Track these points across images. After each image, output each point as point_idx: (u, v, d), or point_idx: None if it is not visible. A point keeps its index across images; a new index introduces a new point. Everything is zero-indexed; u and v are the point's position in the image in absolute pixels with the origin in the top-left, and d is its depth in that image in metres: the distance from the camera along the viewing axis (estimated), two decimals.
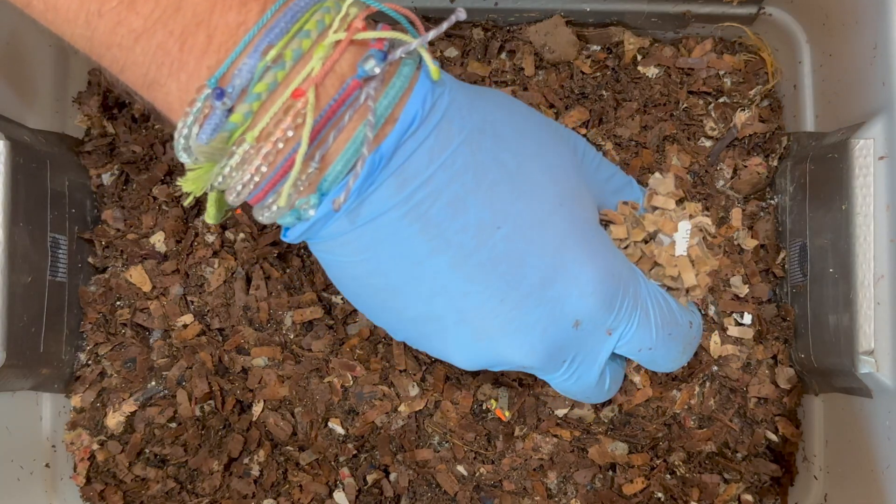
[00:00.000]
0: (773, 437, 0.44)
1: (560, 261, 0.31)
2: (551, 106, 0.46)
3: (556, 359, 0.32)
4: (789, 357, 0.45)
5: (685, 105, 0.46)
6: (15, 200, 0.40)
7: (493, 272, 0.30)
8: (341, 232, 0.29)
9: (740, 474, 0.44)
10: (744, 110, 0.46)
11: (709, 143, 0.46)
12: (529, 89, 0.46)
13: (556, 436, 0.44)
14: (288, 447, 0.44)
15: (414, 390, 0.44)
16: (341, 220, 0.28)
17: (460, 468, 0.44)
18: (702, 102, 0.47)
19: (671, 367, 0.37)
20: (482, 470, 0.44)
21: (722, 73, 0.47)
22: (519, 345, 0.31)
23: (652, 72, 0.47)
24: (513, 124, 0.31)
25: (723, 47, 0.47)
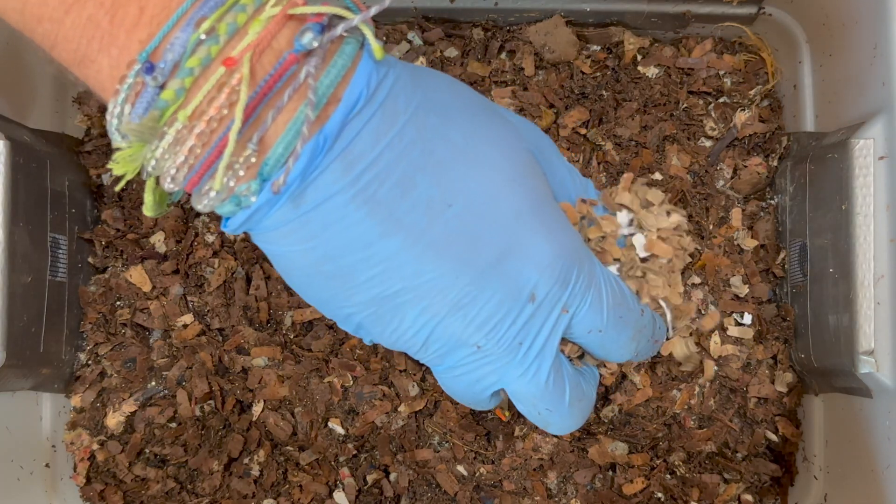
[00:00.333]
0: (773, 437, 0.44)
1: (515, 235, 0.30)
2: (551, 106, 0.46)
3: (510, 335, 0.31)
4: (789, 357, 0.45)
5: (685, 105, 0.46)
6: (15, 200, 0.40)
7: (446, 250, 0.29)
8: (286, 220, 0.27)
9: (740, 474, 0.44)
10: (744, 110, 0.46)
11: (709, 143, 0.46)
12: (529, 89, 0.46)
13: (556, 436, 0.44)
14: (288, 447, 0.44)
15: (414, 390, 0.44)
16: (285, 207, 0.27)
17: (460, 468, 0.44)
18: (702, 102, 0.47)
19: (621, 354, 0.35)
20: (482, 470, 0.44)
21: (722, 73, 0.47)
22: (474, 316, 0.30)
23: (652, 72, 0.47)
24: (459, 103, 0.31)
25: (723, 47, 0.47)
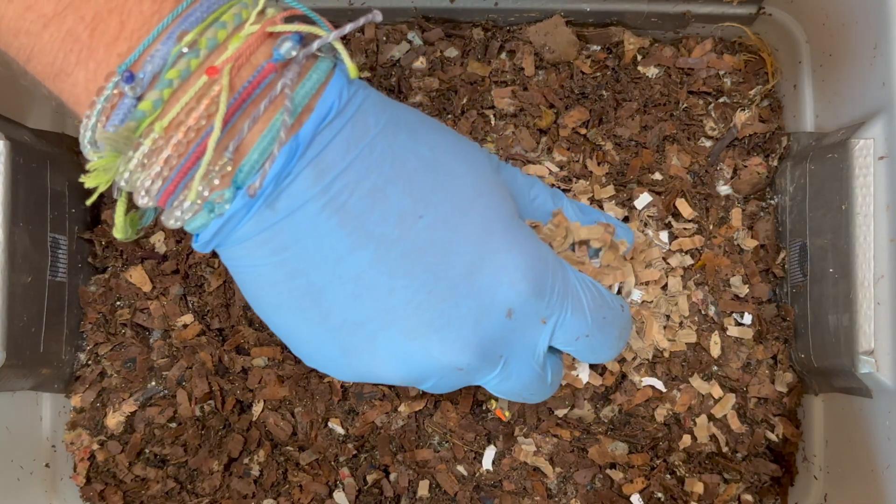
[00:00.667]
0: (773, 437, 0.44)
1: (486, 249, 0.30)
2: (551, 106, 0.46)
3: (490, 354, 0.31)
4: (789, 357, 0.45)
5: (685, 105, 0.46)
6: (15, 200, 0.40)
7: (418, 263, 0.29)
8: (258, 229, 0.27)
9: (740, 474, 0.44)
10: (744, 110, 0.46)
11: (709, 143, 0.46)
12: (529, 89, 0.46)
13: (556, 436, 0.44)
14: (288, 447, 0.44)
15: (414, 390, 0.44)
16: (258, 216, 0.27)
17: (460, 468, 0.44)
18: (702, 102, 0.47)
19: (609, 355, 0.35)
20: (482, 470, 0.44)
21: (722, 73, 0.47)
22: (452, 340, 0.29)
23: (652, 72, 0.47)
24: (425, 124, 0.31)
25: (723, 47, 0.47)
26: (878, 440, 0.37)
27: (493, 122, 0.46)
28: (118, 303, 0.46)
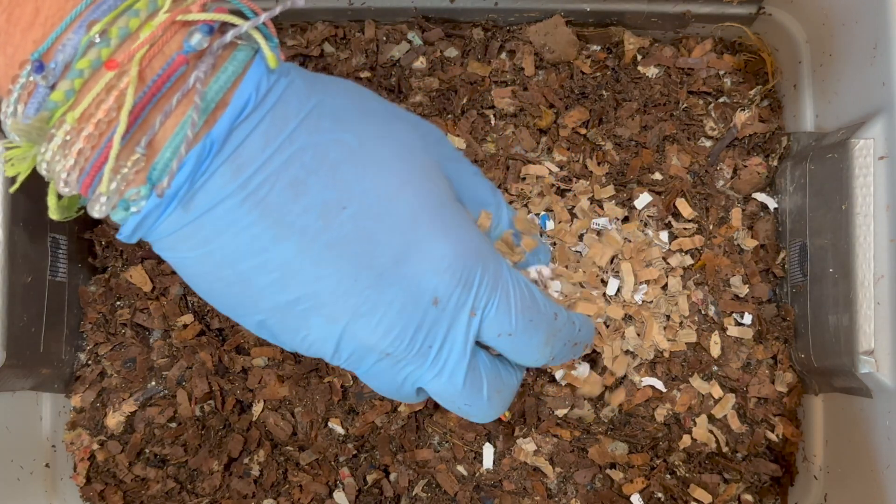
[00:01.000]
0: (773, 437, 0.44)
1: (413, 237, 0.30)
2: (551, 106, 0.46)
3: (417, 341, 0.30)
4: (789, 357, 0.45)
5: (685, 105, 0.46)
6: (15, 200, 0.40)
7: (343, 253, 0.29)
8: (178, 225, 0.27)
9: (740, 474, 0.44)
10: (744, 110, 0.46)
11: (709, 143, 0.46)
12: (529, 89, 0.46)
13: (556, 436, 0.44)
14: (288, 447, 0.44)
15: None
16: (176, 213, 0.27)
17: (460, 468, 0.44)
18: (702, 102, 0.47)
19: (535, 359, 0.34)
20: (482, 470, 0.44)
21: (722, 73, 0.47)
22: (376, 323, 0.29)
23: (652, 72, 0.47)
24: (355, 107, 0.31)
25: (723, 47, 0.47)
26: (878, 440, 0.37)
27: (493, 122, 0.46)
28: (118, 303, 0.46)
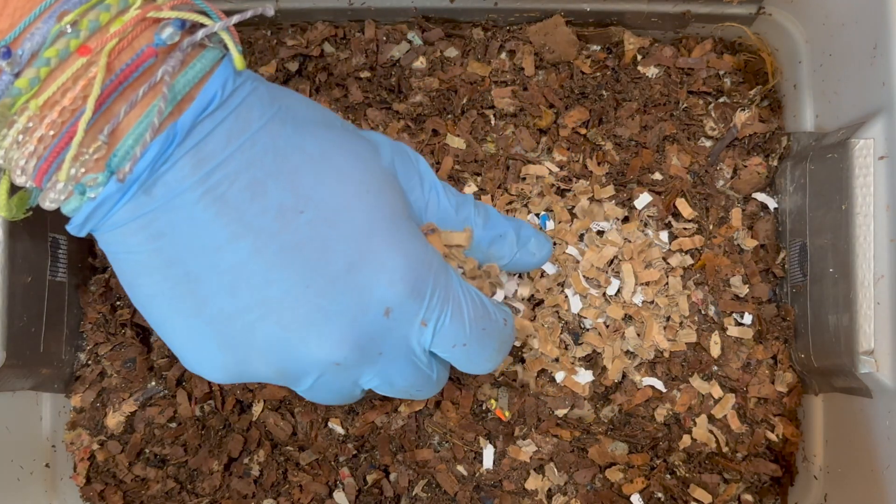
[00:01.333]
0: (773, 437, 0.44)
1: (367, 246, 0.30)
2: (551, 106, 0.46)
3: (368, 350, 0.30)
4: (789, 357, 0.45)
5: (685, 105, 0.46)
6: None
7: (296, 257, 0.29)
8: (133, 216, 0.27)
9: (740, 474, 0.44)
10: (744, 110, 0.46)
11: (709, 143, 0.46)
12: (529, 89, 0.46)
13: (556, 436, 0.44)
14: (288, 447, 0.44)
15: None
16: (133, 202, 0.27)
17: (460, 468, 0.44)
18: (702, 102, 0.47)
19: (486, 367, 0.34)
20: (482, 470, 0.44)
21: (722, 73, 0.47)
22: (328, 334, 0.29)
23: (652, 72, 0.47)
24: (316, 118, 0.31)
25: (723, 47, 0.47)
26: (878, 440, 0.37)
27: (493, 122, 0.46)
28: (118, 303, 0.46)
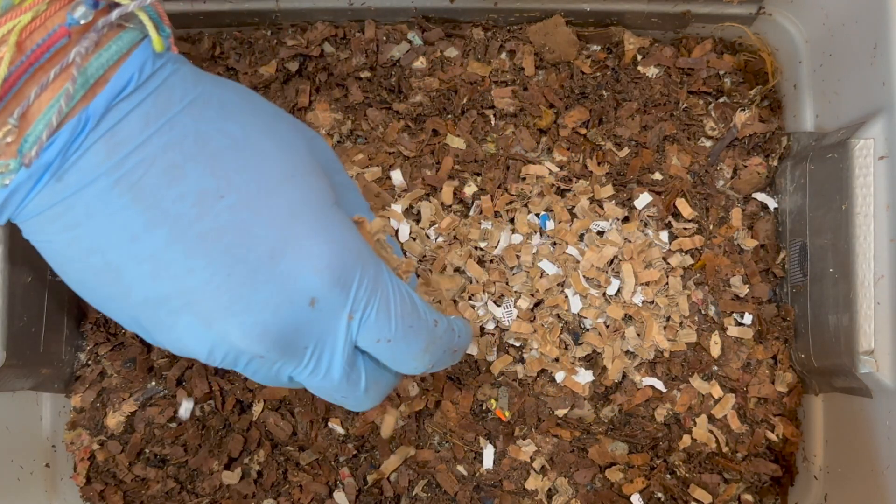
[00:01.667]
0: (773, 437, 0.44)
1: (291, 233, 0.29)
2: (551, 106, 0.46)
3: (293, 344, 0.29)
4: (789, 357, 0.45)
5: (685, 105, 0.46)
6: None
7: (216, 244, 0.28)
8: (48, 204, 0.26)
9: (740, 474, 0.44)
10: (744, 110, 0.46)
11: (709, 143, 0.46)
12: (529, 89, 0.46)
13: (556, 436, 0.44)
14: (288, 447, 0.44)
15: (414, 390, 0.44)
16: (46, 190, 0.26)
17: (460, 468, 0.44)
18: (702, 102, 0.47)
19: (414, 366, 0.33)
20: (482, 470, 0.44)
21: (722, 73, 0.47)
22: (251, 325, 0.28)
23: (652, 72, 0.47)
24: (242, 102, 0.31)
25: (723, 47, 0.47)
26: (878, 440, 0.37)
27: (493, 122, 0.46)
28: None
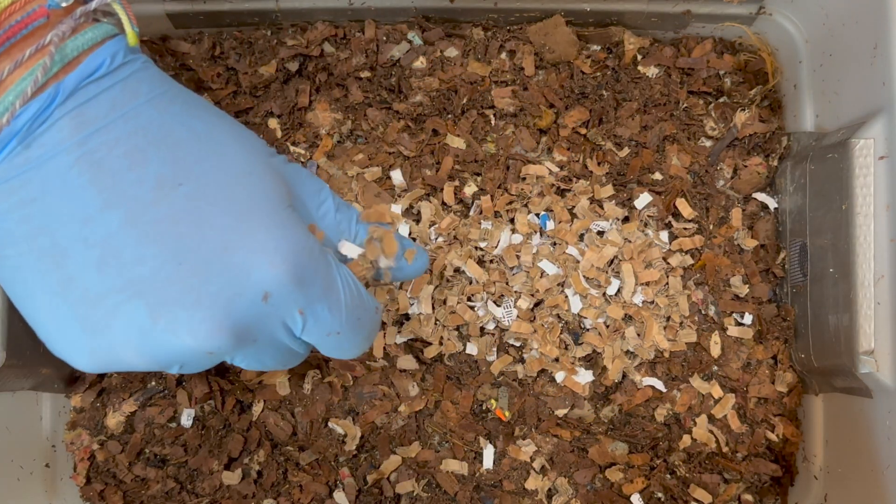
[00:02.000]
0: (773, 437, 0.44)
1: (248, 226, 0.29)
2: (551, 106, 0.46)
3: (243, 339, 0.29)
4: (789, 357, 0.45)
5: (685, 105, 0.46)
6: None
7: (171, 231, 0.27)
8: (5, 177, 0.27)
9: (740, 474, 0.44)
10: (744, 110, 0.46)
11: (709, 143, 0.46)
12: (529, 89, 0.46)
13: (556, 436, 0.44)
14: (288, 447, 0.44)
15: (414, 390, 0.44)
16: (8, 162, 0.27)
17: (460, 468, 0.44)
18: (702, 102, 0.47)
19: (353, 353, 0.34)
20: (482, 470, 0.44)
21: (722, 73, 0.47)
22: (201, 320, 0.27)
23: (652, 72, 0.47)
24: (206, 106, 0.31)
25: (723, 47, 0.47)
26: (878, 440, 0.37)
27: (493, 122, 0.46)
28: None
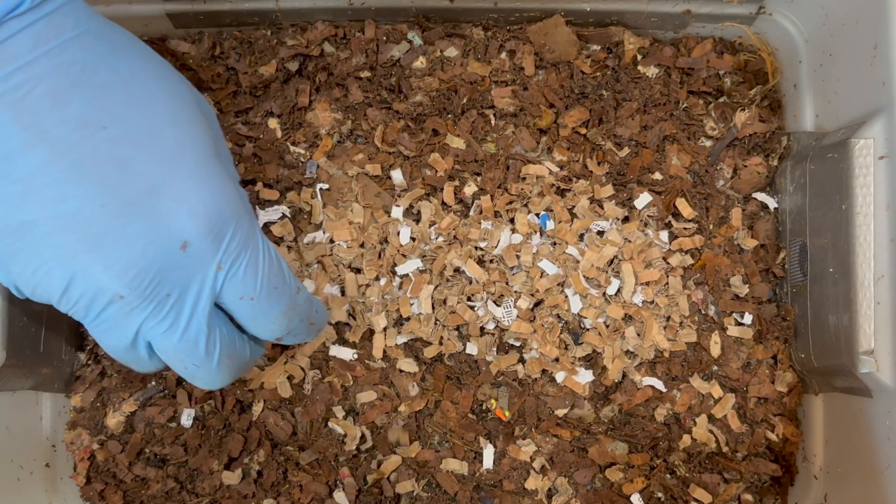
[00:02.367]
0: (773, 436, 0.44)
1: (173, 174, 0.29)
2: (551, 106, 0.46)
3: (157, 289, 0.29)
4: (789, 357, 0.45)
5: (685, 105, 0.46)
6: None
7: (93, 172, 0.28)
8: None
9: (740, 474, 0.44)
10: (744, 110, 0.46)
11: (709, 143, 0.46)
12: (529, 89, 0.46)
13: (556, 436, 0.44)
14: (288, 447, 0.44)
15: (414, 390, 0.44)
16: None
17: (460, 468, 0.44)
18: (702, 102, 0.47)
19: (272, 329, 0.34)
20: (482, 470, 0.44)
21: (722, 72, 0.47)
22: (116, 258, 0.28)
23: (652, 72, 0.47)
24: (134, 47, 0.31)
25: (723, 47, 0.47)
26: (878, 440, 0.37)
27: (493, 122, 0.46)
28: None
